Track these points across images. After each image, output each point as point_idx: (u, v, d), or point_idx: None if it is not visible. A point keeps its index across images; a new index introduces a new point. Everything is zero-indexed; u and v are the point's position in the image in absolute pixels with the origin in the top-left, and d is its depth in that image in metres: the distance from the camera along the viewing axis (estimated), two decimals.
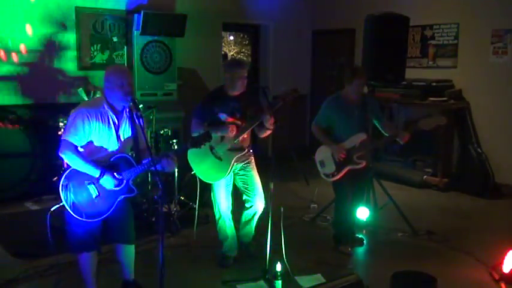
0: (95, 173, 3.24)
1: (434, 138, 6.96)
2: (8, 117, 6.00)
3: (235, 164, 4.16)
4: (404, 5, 7.03)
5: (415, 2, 7.38)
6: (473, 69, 7.01)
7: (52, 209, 3.88)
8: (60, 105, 6.18)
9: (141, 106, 3.84)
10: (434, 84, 7.07)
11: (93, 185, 3.28)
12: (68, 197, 3.24)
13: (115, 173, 3.30)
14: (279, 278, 3.91)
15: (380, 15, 5.65)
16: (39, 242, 4.18)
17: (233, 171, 4.22)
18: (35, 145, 6.05)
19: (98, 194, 3.29)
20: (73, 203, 3.24)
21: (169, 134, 5.54)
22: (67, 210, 3.25)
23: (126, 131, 3.41)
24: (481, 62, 6.91)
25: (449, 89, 7.06)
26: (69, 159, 3.23)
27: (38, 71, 6.25)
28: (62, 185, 3.25)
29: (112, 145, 3.36)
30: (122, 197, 3.37)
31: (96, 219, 3.31)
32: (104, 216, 3.33)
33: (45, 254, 4.17)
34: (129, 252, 3.60)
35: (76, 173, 3.26)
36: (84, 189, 3.27)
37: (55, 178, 3.33)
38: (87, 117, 3.23)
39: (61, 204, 3.30)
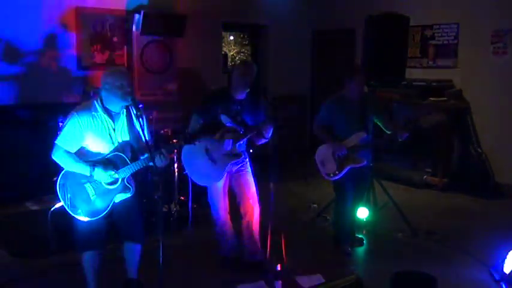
0: (86, 170, 3.25)
1: (434, 138, 6.97)
2: (8, 117, 6.00)
3: (230, 167, 4.13)
4: (404, 5, 7.01)
5: (415, 2, 7.38)
6: (473, 69, 7.00)
7: (52, 209, 3.89)
8: (60, 105, 6.17)
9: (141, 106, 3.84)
10: (434, 84, 7.06)
11: (89, 184, 3.31)
12: (65, 196, 3.28)
13: (110, 171, 3.30)
14: (279, 278, 3.91)
15: (380, 15, 5.64)
16: (39, 242, 4.18)
17: (228, 173, 4.18)
18: (35, 145, 6.04)
19: (94, 192, 3.32)
20: (71, 202, 3.28)
21: (169, 134, 5.54)
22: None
23: (123, 133, 3.40)
24: (481, 62, 6.90)
25: (449, 89, 7.05)
26: (60, 162, 3.27)
27: (38, 71, 6.24)
28: (59, 184, 3.29)
29: (106, 147, 3.35)
30: (118, 195, 3.38)
31: (93, 218, 3.32)
32: (102, 214, 3.34)
33: (45, 254, 4.17)
34: (135, 250, 3.62)
35: (72, 172, 3.29)
36: (81, 188, 3.30)
37: (55, 178, 3.38)
38: (78, 122, 3.24)
39: (61, 203, 3.33)
